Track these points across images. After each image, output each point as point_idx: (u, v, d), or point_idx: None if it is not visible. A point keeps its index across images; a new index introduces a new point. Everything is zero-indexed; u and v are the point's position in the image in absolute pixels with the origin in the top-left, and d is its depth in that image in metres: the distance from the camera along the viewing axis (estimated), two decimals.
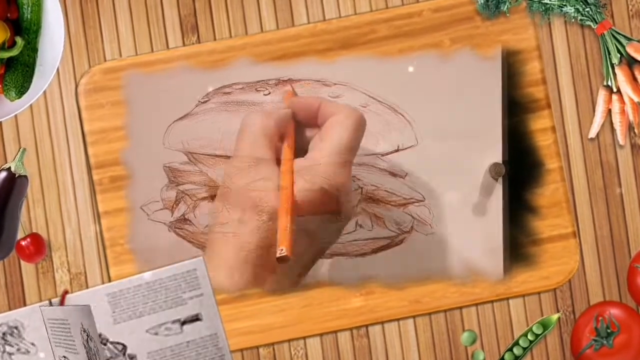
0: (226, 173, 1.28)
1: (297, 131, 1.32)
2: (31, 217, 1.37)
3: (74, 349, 1.30)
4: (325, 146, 1.26)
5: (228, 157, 1.36)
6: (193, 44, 1.37)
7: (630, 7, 1.37)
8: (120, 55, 1.36)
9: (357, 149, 1.28)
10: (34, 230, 1.38)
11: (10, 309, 1.35)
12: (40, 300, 1.35)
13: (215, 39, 1.37)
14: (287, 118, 1.30)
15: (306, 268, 1.29)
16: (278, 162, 1.28)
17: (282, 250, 1.19)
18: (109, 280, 1.36)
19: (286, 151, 1.28)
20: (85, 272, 1.36)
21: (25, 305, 1.36)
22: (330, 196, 1.25)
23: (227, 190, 1.26)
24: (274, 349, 1.37)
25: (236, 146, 1.27)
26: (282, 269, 1.23)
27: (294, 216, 1.23)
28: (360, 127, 1.27)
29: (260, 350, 1.36)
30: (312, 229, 1.26)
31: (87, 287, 1.36)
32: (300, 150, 1.31)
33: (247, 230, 1.24)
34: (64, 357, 1.31)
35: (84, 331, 1.27)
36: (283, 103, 1.35)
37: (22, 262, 1.37)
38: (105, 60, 1.37)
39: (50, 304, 1.33)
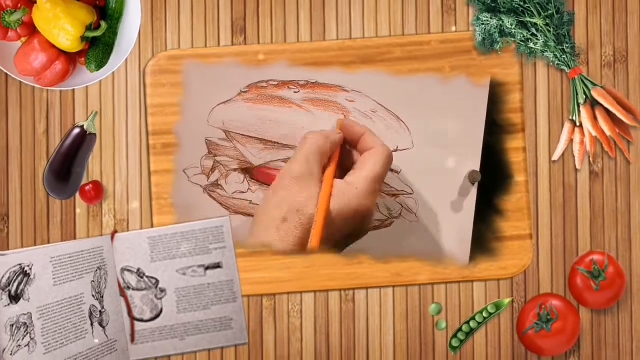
0: (282, 171, 1.31)
1: (343, 152, 1.35)
2: (89, 168, 1.43)
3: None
4: (362, 174, 1.30)
5: (259, 138, 1.41)
6: (240, 43, 1.42)
7: (602, 57, 1.43)
8: (179, 46, 1.42)
9: (384, 179, 1.32)
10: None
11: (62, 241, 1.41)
12: (88, 237, 1.42)
13: (258, 42, 1.42)
14: (339, 142, 1.34)
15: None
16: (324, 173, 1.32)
17: (311, 244, 1.27)
18: (151, 226, 1.41)
19: (330, 169, 1.31)
20: (127, 219, 1.42)
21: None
22: (358, 216, 1.30)
23: (281, 185, 1.30)
24: (274, 301, 1.43)
25: (295, 153, 1.32)
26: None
27: (325, 222, 1.27)
28: (389, 162, 1.32)
29: (264, 300, 1.42)
30: (338, 237, 1.31)
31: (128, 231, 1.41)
32: (343, 167, 1.35)
33: (289, 226, 1.28)
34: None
35: None
36: (336, 127, 1.37)
37: (76, 204, 1.41)
38: (166, 49, 1.42)
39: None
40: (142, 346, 1.41)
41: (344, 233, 1.31)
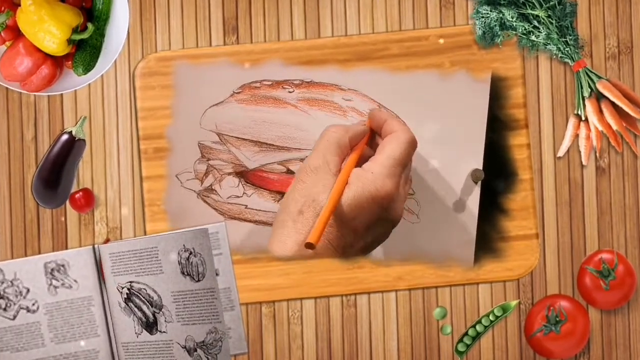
0: (301, 166, 1.33)
1: (372, 143, 1.35)
2: (80, 176, 1.43)
3: (153, 271, 1.37)
4: (380, 158, 1.29)
5: (253, 141, 1.41)
6: (232, 43, 1.42)
7: (607, 50, 1.44)
8: (170, 47, 1.42)
9: (407, 163, 1.32)
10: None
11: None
12: (80, 247, 1.42)
13: (251, 42, 1.42)
14: (362, 134, 1.34)
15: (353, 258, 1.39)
16: None
17: (310, 237, 1.24)
18: (144, 234, 1.41)
19: (349, 159, 1.31)
20: (120, 227, 1.43)
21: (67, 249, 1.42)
22: (377, 202, 1.28)
23: (298, 179, 1.30)
24: (274, 308, 1.43)
25: (314, 147, 1.32)
26: (326, 254, 1.29)
27: (331, 213, 1.25)
28: (412, 145, 1.31)
29: (263, 308, 1.43)
30: (359, 228, 1.29)
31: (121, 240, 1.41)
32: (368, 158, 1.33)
33: (306, 218, 1.28)
34: (130, 282, 1.38)
35: (185, 250, 1.35)
36: (366, 119, 1.38)
37: (67, 213, 1.42)
38: (156, 50, 1.42)
39: (93, 249, 1.40)
40: None
41: (365, 224, 1.29)
